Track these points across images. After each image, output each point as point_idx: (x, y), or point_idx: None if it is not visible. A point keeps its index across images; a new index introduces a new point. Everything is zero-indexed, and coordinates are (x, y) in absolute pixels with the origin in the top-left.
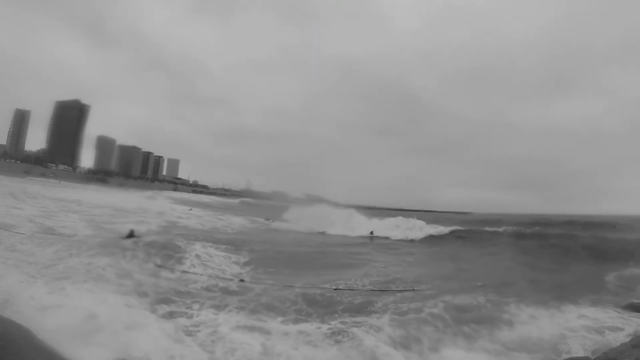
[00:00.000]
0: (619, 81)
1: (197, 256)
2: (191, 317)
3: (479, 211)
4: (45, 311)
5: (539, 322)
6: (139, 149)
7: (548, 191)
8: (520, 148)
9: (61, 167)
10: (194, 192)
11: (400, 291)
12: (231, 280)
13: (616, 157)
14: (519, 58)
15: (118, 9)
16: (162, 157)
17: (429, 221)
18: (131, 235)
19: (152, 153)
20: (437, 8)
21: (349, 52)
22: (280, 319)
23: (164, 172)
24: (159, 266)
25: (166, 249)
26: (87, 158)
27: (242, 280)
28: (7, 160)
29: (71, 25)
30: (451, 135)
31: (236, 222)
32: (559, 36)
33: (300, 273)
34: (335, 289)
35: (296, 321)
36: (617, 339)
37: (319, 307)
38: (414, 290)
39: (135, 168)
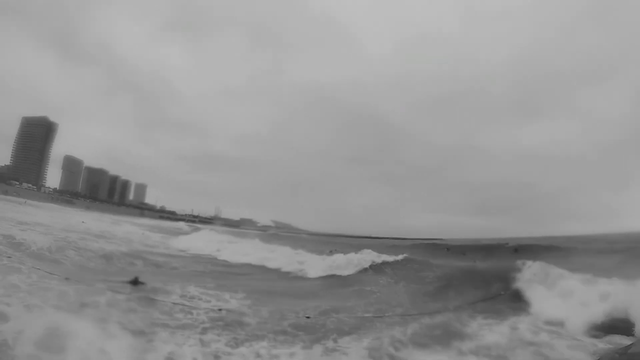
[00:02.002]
0: (588, 104)
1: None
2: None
3: (451, 237)
4: None
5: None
6: (107, 172)
7: (519, 214)
8: (491, 172)
9: (25, 185)
10: (161, 218)
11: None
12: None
13: (584, 178)
14: (488, 83)
15: (92, 23)
16: (129, 181)
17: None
18: (136, 282)
19: (119, 177)
20: (408, 34)
21: (320, 78)
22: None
23: (131, 197)
24: None
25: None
26: (52, 178)
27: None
28: None
29: (42, 37)
30: (423, 162)
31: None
32: (528, 61)
33: None
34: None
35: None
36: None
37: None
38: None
39: (102, 191)
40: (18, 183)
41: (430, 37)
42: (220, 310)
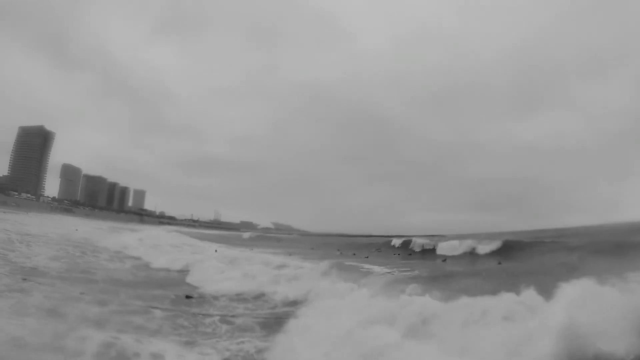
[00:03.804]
0: (587, 95)
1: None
2: None
3: (451, 233)
4: None
5: None
6: (105, 179)
7: (521, 208)
8: (491, 168)
9: (24, 195)
10: (161, 223)
11: None
12: None
13: (584, 171)
14: (487, 77)
15: (82, 26)
16: (128, 187)
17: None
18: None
19: (118, 184)
20: (405, 29)
21: (317, 76)
22: None
23: (130, 203)
24: None
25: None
26: (51, 187)
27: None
28: None
29: (34, 43)
30: (422, 159)
31: None
32: (527, 53)
33: None
34: None
35: None
36: None
37: None
38: None
39: (101, 198)
40: (17, 193)
41: (428, 32)
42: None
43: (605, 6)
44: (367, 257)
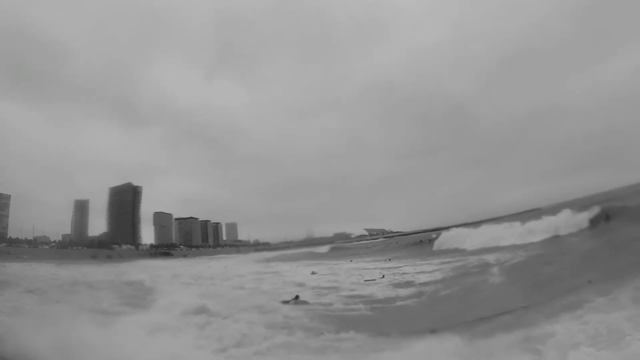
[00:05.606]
0: None
1: None
2: None
3: (548, 204)
4: None
5: None
6: (196, 219)
7: (618, 162)
8: (578, 125)
9: (124, 247)
10: (257, 250)
11: None
12: None
13: None
14: (553, 27)
15: (144, 83)
16: (219, 223)
17: None
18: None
19: (209, 221)
20: (458, 3)
21: (381, 77)
22: None
23: (224, 237)
24: None
25: None
26: (146, 234)
27: None
28: (74, 248)
29: (104, 110)
30: (503, 133)
31: None
32: None
33: None
34: None
35: None
36: None
37: None
38: None
39: (195, 237)
40: (118, 246)
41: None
42: None
43: None
44: None
